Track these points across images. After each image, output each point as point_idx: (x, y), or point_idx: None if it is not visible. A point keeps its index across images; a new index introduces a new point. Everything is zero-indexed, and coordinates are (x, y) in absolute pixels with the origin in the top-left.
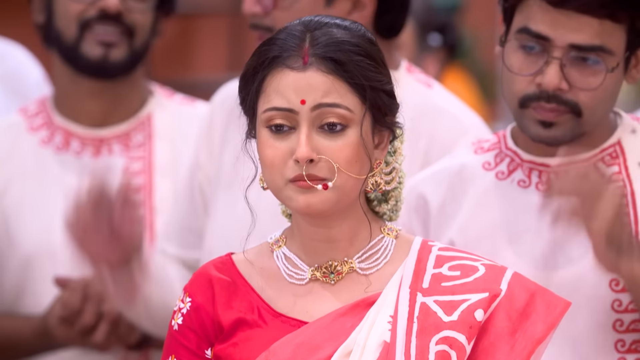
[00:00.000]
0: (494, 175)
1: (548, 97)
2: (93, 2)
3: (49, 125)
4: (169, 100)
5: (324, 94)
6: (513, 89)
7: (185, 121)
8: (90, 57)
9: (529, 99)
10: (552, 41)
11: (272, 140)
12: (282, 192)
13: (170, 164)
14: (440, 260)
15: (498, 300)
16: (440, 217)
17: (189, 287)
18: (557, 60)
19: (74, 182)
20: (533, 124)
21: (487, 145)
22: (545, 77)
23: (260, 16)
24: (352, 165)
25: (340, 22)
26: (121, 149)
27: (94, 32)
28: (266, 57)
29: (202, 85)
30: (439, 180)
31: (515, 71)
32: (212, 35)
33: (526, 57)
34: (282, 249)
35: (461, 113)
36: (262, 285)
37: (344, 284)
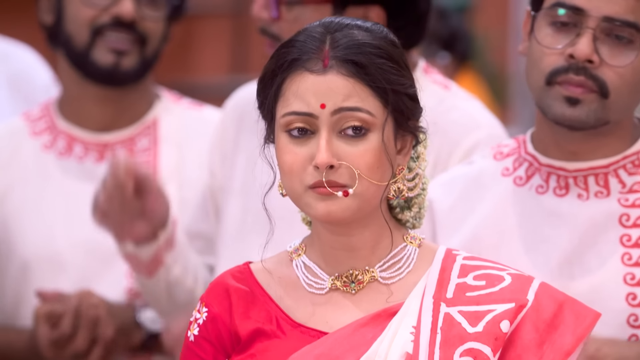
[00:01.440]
0: (512, 180)
1: (577, 69)
2: (106, 8)
3: (52, 130)
4: (175, 105)
5: (344, 98)
6: (541, 65)
7: (192, 126)
8: (101, 64)
9: (557, 73)
10: (586, 12)
11: (291, 146)
12: (302, 199)
13: (175, 169)
14: (464, 270)
15: (525, 310)
16: (448, 219)
17: (206, 297)
18: (591, 31)
19: (76, 188)
20: (558, 102)
21: (506, 150)
22: (577, 47)
23: (268, 22)
24: (374, 171)
25: (362, 23)
26: (126, 154)
27: (106, 38)
28: (285, 60)
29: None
30: (452, 186)
31: (546, 45)
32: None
33: (558, 31)
34: (301, 258)
35: (474, 109)
36: (280, 295)
37: (365, 294)
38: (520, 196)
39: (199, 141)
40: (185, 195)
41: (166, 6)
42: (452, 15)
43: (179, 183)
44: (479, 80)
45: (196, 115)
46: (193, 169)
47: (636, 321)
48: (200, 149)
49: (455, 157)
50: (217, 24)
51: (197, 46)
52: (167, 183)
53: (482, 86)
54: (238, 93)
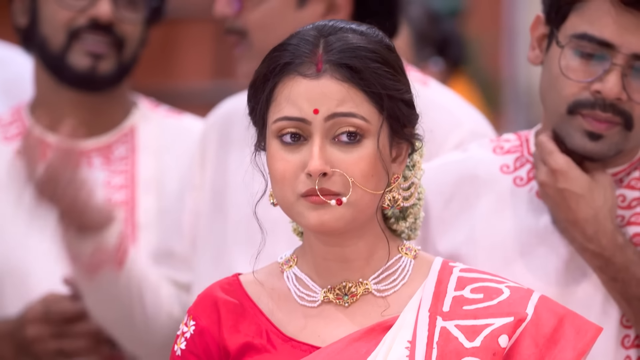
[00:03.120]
0: (511, 180)
1: (604, 106)
2: (83, 10)
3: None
4: (153, 112)
5: (338, 103)
6: (563, 92)
7: (171, 134)
8: (78, 68)
9: (581, 106)
10: (617, 48)
11: (283, 153)
12: (293, 208)
13: (154, 179)
14: (461, 282)
15: (524, 325)
16: (445, 212)
17: (193, 310)
18: (619, 68)
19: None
20: (580, 134)
21: (507, 145)
22: (606, 85)
23: (232, 19)
24: (368, 179)
25: (356, 26)
26: (102, 162)
27: (83, 41)
28: (277, 64)
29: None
30: (446, 175)
31: (572, 77)
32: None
33: (584, 63)
34: (292, 269)
35: (454, 106)
36: (271, 308)
37: (359, 307)
38: (519, 197)
39: (178, 150)
40: (164, 205)
41: (145, 8)
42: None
43: (158, 193)
44: (471, 85)
45: (175, 124)
46: (172, 179)
47: (629, 320)
48: (180, 158)
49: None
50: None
51: (179, 51)
52: (146, 192)
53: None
54: (219, 108)
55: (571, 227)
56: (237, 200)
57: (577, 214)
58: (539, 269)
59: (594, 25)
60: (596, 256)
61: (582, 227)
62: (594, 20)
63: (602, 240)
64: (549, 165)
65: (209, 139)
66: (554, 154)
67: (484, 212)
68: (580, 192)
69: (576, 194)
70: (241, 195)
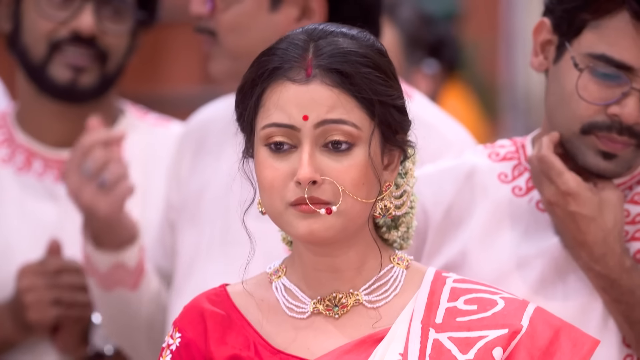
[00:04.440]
0: (510, 189)
1: (621, 129)
2: (65, 22)
3: (10, 143)
4: (141, 121)
5: (328, 110)
6: (577, 112)
7: (159, 144)
8: (58, 80)
9: (597, 128)
10: (636, 71)
11: (272, 160)
12: (282, 217)
13: (140, 190)
14: (455, 293)
15: (519, 337)
16: (444, 223)
17: (179, 322)
18: (638, 93)
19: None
20: (593, 154)
21: (502, 152)
22: (625, 109)
23: (205, 19)
24: (359, 188)
25: (347, 30)
26: None
27: (64, 54)
28: (266, 69)
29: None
30: (444, 183)
31: (588, 99)
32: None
33: (601, 83)
34: (281, 280)
35: (444, 126)
36: (259, 320)
37: (349, 318)
38: (518, 208)
39: (166, 160)
40: (149, 217)
41: (131, 19)
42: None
43: (143, 205)
44: (468, 91)
45: (163, 133)
46: (158, 190)
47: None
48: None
49: None
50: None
51: (167, 56)
52: (131, 203)
53: (471, 97)
54: (195, 116)
55: (578, 248)
56: (212, 212)
57: (587, 236)
58: (535, 281)
59: (613, 47)
60: (601, 277)
61: (590, 249)
62: (613, 42)
63: (610, 262)
64: (558, 187)
65: (183, 153)
66: (563, 175)
67: (481, 222)
68: (591, 215)
69: (587, 217)
70: (216, 207)
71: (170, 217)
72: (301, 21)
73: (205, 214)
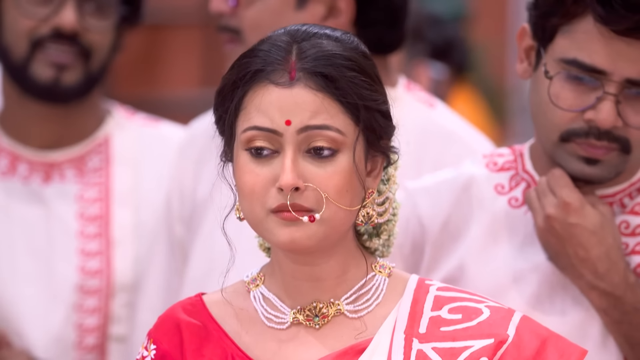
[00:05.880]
0: (506, 201)
1: (599, 134)
2: (46, 19)
3: None
4: (129, 121)
5: (311, 115)
6: (554, 120)
7: (148, 144)
8: (40, 79)
9: (575, 135)
10: (608, 75)
11: (252, 165)
12: (262, 224)
13: (131, 191)
14: (439, 302)
15: (505, 347)
16: (441, 237)
17: (154, 333)
18: (613, 97)
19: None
20: (575, 160)
21: (501, 161)
22: (599, 115)
23: (227, 16)
24: (343, 195)
25: (331, 32)
26: (75, 174)
27: (46, 51)
28: (247, 71)
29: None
30: (441, 196)
31: (563, 106)
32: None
33: (574, 89)
34: (259, 289)
35: (469, 137)
36: (237, 330)
37: (330, 329)
38: (514, 219)
39: (156, 160)
40: (143, 218)
41: (114, 15)
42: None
43: (135, 206)
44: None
45: (152, 133)
46: (150, 191)
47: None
48: (158, 169)
49: None
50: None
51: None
52: (121, 206)
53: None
54: (197, 124)
55: (580, 265)
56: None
57: (590, 252)
58: (531, 295)
59: (583, 51)
60: (606, 295)
61: (594, 265)
62: (583, 46)
63: (615, 278)
64: (560, 198)
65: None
66: (567, 188)
67: (478, 235)
68: (592, 229)
69: (588, 231)
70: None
71: (177, 231)
72: (327, 20)
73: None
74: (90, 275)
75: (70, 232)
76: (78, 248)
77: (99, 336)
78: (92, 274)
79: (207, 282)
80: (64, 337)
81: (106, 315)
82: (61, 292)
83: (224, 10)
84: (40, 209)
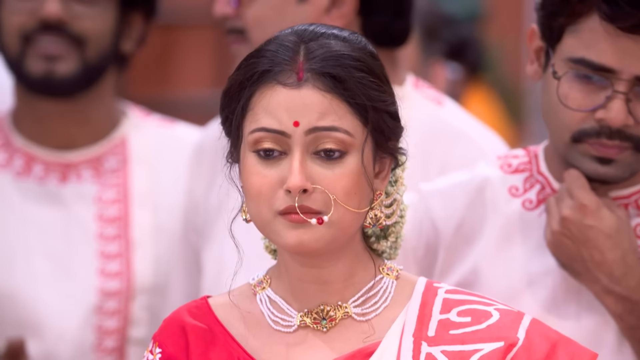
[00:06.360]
0: (520, 203)
1: (610, 134)
2: (33, 12)
3: (7, 147)
4: (145, 122)
5: (320, 116)
6: (565, 121)
7: (165, 145)
8: (33, 73)
9: (586, 135)
10: (617, 73)
11: (260, 167)
12: (269, 226)
13: (149, 193)
14: (447, 305)
15: (515, 350)
16: (455, 240)
17: (159, 336)
18: (622, 96)
19: (37, 212)
20: (589, 160)
21: (515, 162)
22: (609, 114)
23: (232, 18)
24: (351, 197)
25: (339, 32)
26: (92, 175)
27: (36, 45)
28: (255, 71)
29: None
30: (454, 199)
31: (572, 106)
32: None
33: (583, 88)
34: (266, 292)
35: (477, 134)
36: (243, 333)
37: (338, 332)
38: (528, 222)
39: (173, 162)
40: (161, 220)
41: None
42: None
43: (154, 207)
44: (492, 94)
45: (168, 134)
46: (167, 192)
47: None
48: (174, 170)
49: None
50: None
51: (177, 58)
52: (140, 207)
53: (495, 101)
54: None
55: (595, 269)
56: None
57: (606, 255)
58: (546, 299)
59: (590, 50)
60: (622, 300)
61: (610, 269)
62: (590, 45)
63: (631, 282)
64: (577, 199)
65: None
66: (585, 190)
67: (492, 238)
68: (608, 232)
69: (604, 233)
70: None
71: (192, 241)
72: (330, 12)
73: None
74: (110, 277)
75: (89, 234)
76: (98, 250)
77: (118, 339)
78: (112, 276)
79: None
80: (83, 339)
81: (126, 318)
82: (80, 294)
83: (228, 13)
84: (57, 210)
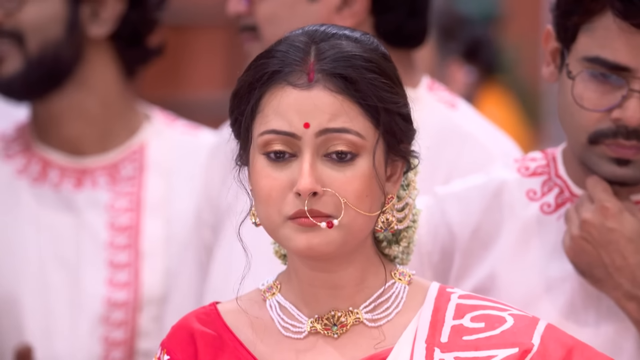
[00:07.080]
0: (538, 207)
1: (627, 134)
2: None
3: (26, 153)
4: (169, 128)
5: (330, 118)
6: (581, 122)
7: (185, 154)
8: None
9: (603, 136)
10: (632, 71)
11: (269, 170)
12: (279, 230)
13: (162, 202)
14: (460, 310)
15: (530, 356)
16: (471, 245)
17: (167, 342)
18: (639, 94)
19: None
20: (606, 162)
21: (533, 166)
22: (626, 113)
23: (245, 16)
24: (362, 200)
25: (350, 33)
26: (107, 182)
27: None
28: (265, 72)
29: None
30: (470, 202)
31: (588, 106)
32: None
33: (599, 88)
34: (276, 297)
35: (487, 139)
36: (253, 340)
37: (349, 338)
38: (546, 226)
39: (191, 171)
40: (174, 231)
41: None
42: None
43: (166, 217)
44: (509, 96)
45: (191, 142)
46: (182, 202)
47: None
48: (191, 180)
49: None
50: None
51: (189, 60)
52: (152, 217)
53: (512, 103)
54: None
55: (617, 273)
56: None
57: (628, 259)
58: (564, 305)
59: (606, 49)
60: None
61: (632, 273)
62: (604, 43)
63: None
64: (598, 201)
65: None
66: (605, 193)
67: (509, 242)
68: (630, 236)
69: (626, 237)
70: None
71: (206, 239)
72: (342, 10)
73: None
74: (118, 287)
75: (100, 242)
76: (107, 259)
77: (125, 350)
78: (120, 287)
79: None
80: (89, 350)
81: (133, 329)
82: (88, 303)
83: (241, 11)
84: (70, 217)
